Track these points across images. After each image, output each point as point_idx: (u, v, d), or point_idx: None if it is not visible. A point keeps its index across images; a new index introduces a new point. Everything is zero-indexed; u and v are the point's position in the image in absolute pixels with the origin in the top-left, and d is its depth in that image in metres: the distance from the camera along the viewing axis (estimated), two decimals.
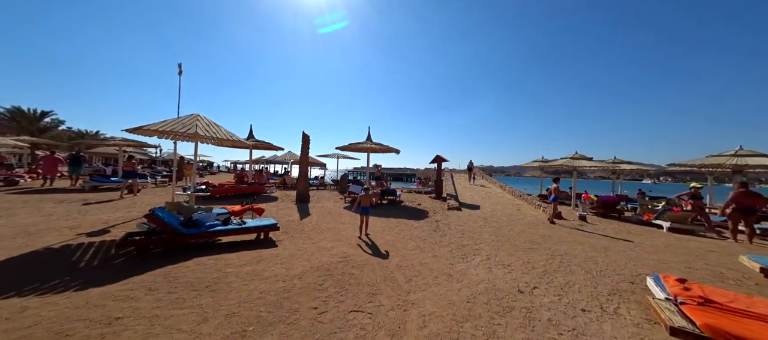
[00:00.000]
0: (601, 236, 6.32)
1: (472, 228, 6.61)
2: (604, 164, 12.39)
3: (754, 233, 6.40)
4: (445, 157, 12.69)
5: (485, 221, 7.51)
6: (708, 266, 4.46)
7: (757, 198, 6.42)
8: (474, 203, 10.95)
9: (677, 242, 6.08)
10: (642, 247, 5.50)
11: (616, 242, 5.79)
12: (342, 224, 6.51)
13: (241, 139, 6.53)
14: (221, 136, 5.67)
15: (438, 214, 8.51)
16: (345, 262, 4.00)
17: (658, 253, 5.12)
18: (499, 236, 5.85)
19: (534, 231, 6.47)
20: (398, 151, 11.45)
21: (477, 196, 12.96)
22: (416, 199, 12.29)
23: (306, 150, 9.96)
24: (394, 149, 11.09)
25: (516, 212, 9.40)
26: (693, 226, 7.76)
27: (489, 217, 8.16)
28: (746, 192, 6.50)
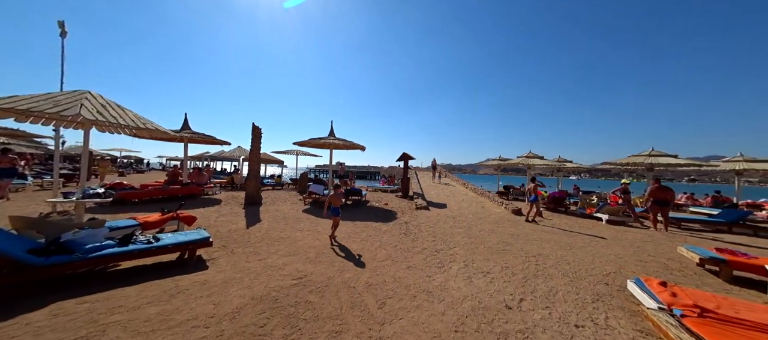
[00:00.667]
0: (561, 232, 6.59)
1: (443, 229, 6.28)
2: (550, 163, 13.55)
3: (668, 222, 7.41)
4: (412, 155, 12.41)
5: (455, 221, 7.30)
6: (652, 258, 4.82)
7: (669, 192, 7.45)
8: (441, 202, 10.86)
9: (618, 234, 6.65)
10: (596, 242, 5.82)
11: (574, 238, 6.04)
12: (299, 232, 5.54)
13: (160, 128, 5.04)
14: (125, 123, 4.20)
15: (406, 214, 8.07)
16: (300, 285, 3.16)
17: (610, 247, 5.43)
18: (471, 238, 5.60)
19: (502, 230, 6.44)
20: (363, 148, 10.73)
21: (442, 194, 13.00)
22: (383, 198, 11.74)
23: (257, 145, 8.56)
24: (360, 146, 10.35)
25: (481, 209, 9.52)
26: (623, 217, 8.76)
27: (457, 216, 8.02)
28: (660, 187, 7.48)
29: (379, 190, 15.01)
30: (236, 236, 4.97)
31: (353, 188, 9.69)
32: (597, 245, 5.45)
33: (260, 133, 8.61)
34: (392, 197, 11.88)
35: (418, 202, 9.67)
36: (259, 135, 8.57)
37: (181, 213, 4.70)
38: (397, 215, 7.91)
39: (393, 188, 15.08)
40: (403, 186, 12.30)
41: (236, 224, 5.92)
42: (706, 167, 11.34)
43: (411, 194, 12.31)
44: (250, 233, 5.22)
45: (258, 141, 8.52)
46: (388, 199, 11.39)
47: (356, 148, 10.66)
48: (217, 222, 5.90)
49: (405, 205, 9.83)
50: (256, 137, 8.47)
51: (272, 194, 11.39)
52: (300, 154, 16.50)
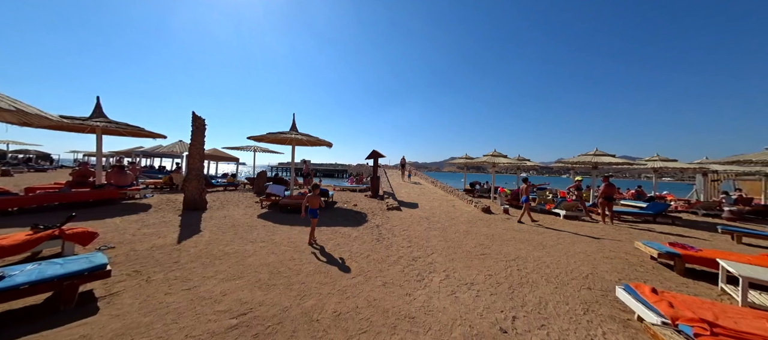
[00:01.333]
0: (530, 230, 6.67)
1: (418, 233, 5.83)
2: (512, 161, 14.24)
3: (613, 215, 8.17)
4: (381, 153, 11.87)
5: (428, 222, 6.95)
6: (614, 254, 5.02)
7: (614, 188, 8.22)
8: (412, 201, 10.54)
9: (577, 229, 7.01)
10: (563, 238, 5.96)
11: (543, 235, 6.13)
12: (250, 244, 4.55)
13: (42, 112, 3.59)
14: None
15: (378, 216, 7.49)
16: (243, 326, 2.33)
17: (576, 244, 5.57)
18: (448, 241, 5.25)
19: (477, 230, 6.25)
20: (330, 145, 9.83)
21: (413, 193, 12.75)
22: (351, 198, 11.00)
23: (199, 139, 7.10)
24: (326, 142, 9.43)
25: (452, 208, 9.41)
26: (576, 212, 9.44)
27: (430, 216, 7.71)
28: (609, 184, 8.21)
29: (347, 189, 14.19)
30: (159, 255, 3.80)
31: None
32: (565, 242, 5.56)
33: (203, 125, 7.17)
34: (361, 197, 11.20)
35: (389, 202, 9.17)
36: (202, 127, 7.13)
37: (70, 229, 3.38)
38: (368, 218, 7.28)
39: (362, 187, 14.39)
40: (372, 185, 11.71)
41: (164, 237, 4.64)
42: (636, 166, 13.03)
43: (381, 194, 11.78)
44: (181, 250, 4.07)
45: (200, 134, 7.08)
46: (357, 199, 10.69)
47: (322, 144, 9.71)
48: (135, 237, 4.56)
49: (375, 205, 9.25)
50: (198, 129, 7.02)
51: (223, 196, 9.82)
52: (258, 151, 14.78)
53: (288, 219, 6.48)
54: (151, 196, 8.74)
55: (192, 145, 6.92)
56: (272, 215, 6.88)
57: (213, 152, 15.79)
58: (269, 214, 7.07)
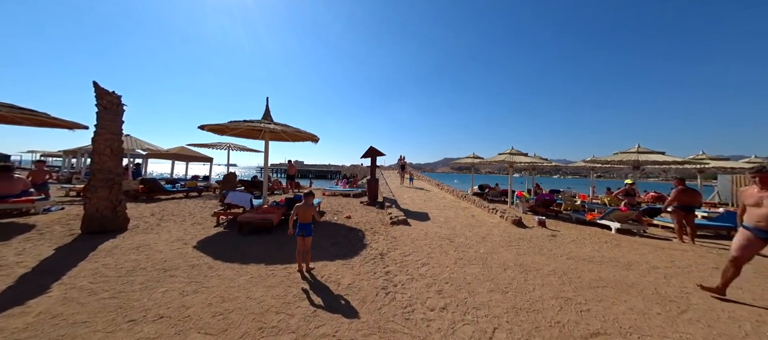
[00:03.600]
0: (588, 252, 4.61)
1: (446, 270, 3.69)
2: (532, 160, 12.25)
3: (695, 230, 6.22)
4: (380, 151, 9.71)
5: (453, 246, 4.81)
6: None
7: (696, 195, 6.27)
8: (419, 211, 8.40)
9: (652, 251, 5.01)
10: (639, 265, 3.93)
11: (617, 264, 4.07)
12: (142, 320, 2.31)
13: None
14: None
15: (380, 236, 5.32)
16: None
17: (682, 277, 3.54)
18: (503, 289, 3.13)
19: (531, 262, 4.15)
20: (316, 139, 7.61)
21: (418, 199, 10.62)
22: (344, 205, 8.79)
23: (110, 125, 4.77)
24: (309, 135, 7.20)
25: (472, 220, 7.32)
26: (631, 225, 7.49)
27: (452, 235, 5.58)
28: (685, 189, 6.27)
29: (339, 193, 11.96)
30: None
31: (298, 196, 6.47)
32: (661, 274, 3.52)
33: (117, 104, 4.83)
34: (356, 205, 9.00)
35: (392, 213, 7.01)
36: (115, 107, 4.79)
37: None
38: (366, 237, 5.11)
39: (356, 190, 12.18)
40: (370, 190, 9.52)
41: None
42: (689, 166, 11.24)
43: (380, 200, 9.61)
44: None
45: (112, 118, 4.75)
46: (351, 207, 8.49)
47: (304, 138, 7.48)
48: None
49: (375, 217, 7.07)
50: (108, 111, 4.69)
51: (175, 207, 7.46)
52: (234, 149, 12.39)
53: (248, 246, 4.26)
54: (58, 209, 6.28)
55: (98, 135, 4.58)
56: (225, 239, 4.62)
57: (180, 151, 13.35)
58: (223, 236, 4.82)
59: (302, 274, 3.28)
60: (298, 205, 3.34)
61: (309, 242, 3.35)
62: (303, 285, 3.02)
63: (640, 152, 9.44)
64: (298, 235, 3.29)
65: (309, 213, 3.31)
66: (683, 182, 6.49)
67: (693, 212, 6.20)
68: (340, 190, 12.61)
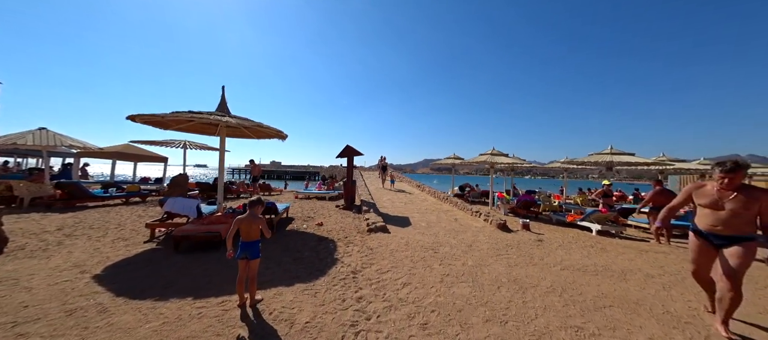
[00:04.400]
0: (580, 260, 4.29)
1: (432, 291, 3.07)
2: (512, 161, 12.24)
3: (671, 231, 6.27)
4: (357, 150, 8.96)
5: (438, 257, 4.22)
6: None
7: (672, 196, 6.32)
8: (400, 215, 7.78)
9: (636, 254, 4.85)
10: (633, 274, 3.65)
11: (606, 274, 3.76)
12: None
13: None
14: None
15: (354, 247, 4.59)
16: None
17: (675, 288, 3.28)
18: (500, 317, 2.57)
19: (525, 275, 3.67)
20: (284, 136, 6.67)
21: (398, 203, 10.02)
22: (317, 210, 7.91)
23: None
24: (275, 132, 6.25)
25: (456, 224, 6.84)
26: (610, 226, 7.49)
27: (435, 244, 4.99)
28: (662, 190, 6.32)
29: (314, 196, 11.00)
30: None
31: None
32: (659, 285, 3.22)
33: None
34: (331, 209, 8.17)
35: (370, 219, 6.30)
36: None
37: None
38: (338, 249, 4.36)
39: (333, 193, 11.30)
40: (346, 193, 8.73)
41: None
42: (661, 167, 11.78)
43: (358, 204, 8.87)
44: None
45: None
46: (326, 212, 7.64)
47: (269, 134, 6.52)
48: None
49: (350, 224, 6.32)
50: None
51: (98, 216, 6.09)
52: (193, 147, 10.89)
53: (180, 271, 3.30)
54: None
55: None
56: (151, 262, 3.60)
57: (123, 149, 11.52)
58: (152, 257, 3.78)
59: (243, 310, 2.46)
60: (240, 217, 2.51)
61: (255, 266, 2.54)
62: (240, 330, 2.20)
63: (613, 153, 9.68)
64: (239, 258, 2.47)
65: (255, 228, 2.50)
66: (661, 184, 6.55)
67: None
68: (314, 192, 11.64)
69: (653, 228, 6.25)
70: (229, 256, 2.45)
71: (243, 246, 2.46)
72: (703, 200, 2.44)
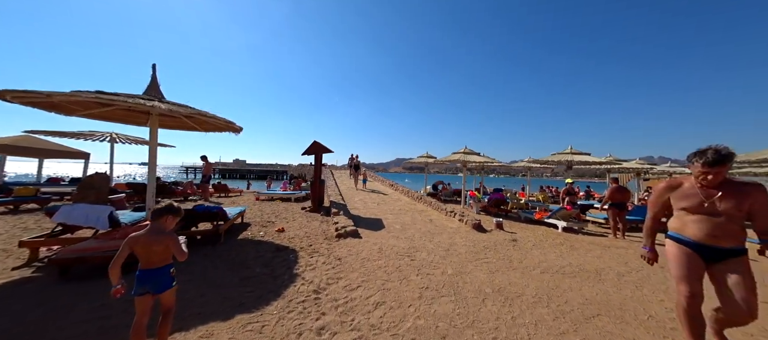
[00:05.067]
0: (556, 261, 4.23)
1: (405, 304, 2.60)
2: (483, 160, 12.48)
3: (626, 226, 6.69)
4: (326, 147, 8.21)
5: (413, 263, 3.79)
6: None
7: (626, 193, 6.76)
8: (372, 216, 7.25)
9: (596, 248, 5.00)
10: (606, 273, 3.66)
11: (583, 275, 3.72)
12: None
13: None
14: None
15: (319, 256, 3.94)
16: None
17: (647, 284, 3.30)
18: (478, 329, 2.20)
19: (500, 279, 3.40)
20: (237, 129, 5.67)
21: (371, 203, 9.48)
22: (279, 213, 7.02)
23: None
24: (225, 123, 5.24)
25: (430, 225, 6.53)
26: (574, 222, 7.83)
27: (411, 249, 4.56)
28: (619, 188, 6.71)
29: (278, 198, 9.95)
30: None
31: (199, 207, 4.47)
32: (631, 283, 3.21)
33: None
34: (296, 212, 7.33)
35: (339, 222, 5.67)
36: None
37: None
38: (300, 262, 3.67)
39: (299, 194, 10.36)
40: (313, 194, 7.95)
41: None
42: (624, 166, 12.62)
43: (327, 206, 8.13)
44: None
45: None
46: (290, 215, 6.79)
47: (216, 126, 5.49)
48: None
49: (317, 229, 5.62)
50: None
51: None
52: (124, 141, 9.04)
53: (57, 312, 2.36)
54: None
55: None
56: (17, 299, 2.57)
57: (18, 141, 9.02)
58: (17, 291, 2.71)
59: None
60: (135, 235, 1.70)
61: (169, 299, 1.78)
62: None
63: (573, 153, 10.31)
64: (136, 294, 1.69)
65: (160, 249, 1.72)
66: (617, 181, 6.96)
67: (625, 208, 6.66)
68: (279, 193, 10.56)
69: (612, 223, 6.59)
70: (117, 294, 1.63)
71: (142, 277, 1.68)
72: (687, 203, 1.91)
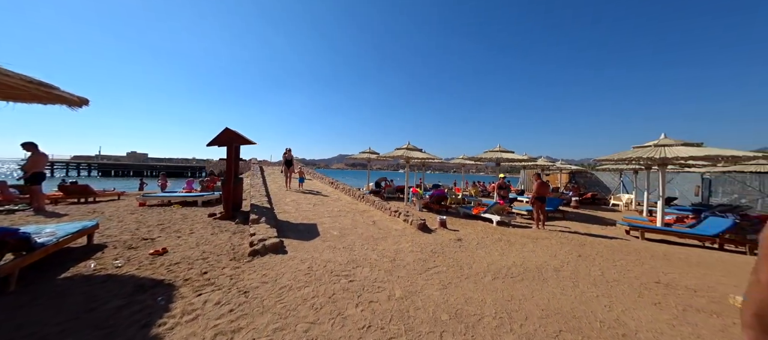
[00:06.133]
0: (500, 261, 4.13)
1: None
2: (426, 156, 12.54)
3: (546, 217, 7.45)
4: (245, 137, 6.49)
5: (351, 286, 2.93)
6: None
7: (547, 187, 7.53)
8: (305, 221, 6.04)
9: (528, 243, 5.30)
10: (545, 270, 3.73)
11: (531, 278, 3.68)
12: None
13: None
14: None
15: (213, 291, 2.65)
16: None
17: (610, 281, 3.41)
18: None
19: (454, 295, 2.90)
20: (77, 102, 3.59)
21: (306, 205, 8.15)
22: (173, 223, 5.04)
23: None
24: (39, 89, 3.17)
25: (373, 228, 5.80)
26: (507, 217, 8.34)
27: (350, 263, 3.69)
28: (542, 183, 7.42)
29: (177, 201, 7.53)
30: None
31: (4, 230, 2.48)
32: (568, 280, 3.25)
33: None
34: (199, 220, 5.46)
35: (257, 233, 4.30)
36: None
37: None
38: (173, 309, 2.33)
39: (210, 196, 8.14)
40: (225, 196, 6.16)
41: None
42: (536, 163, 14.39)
43: (246, 210, 6.45)
44: None
45: None
46: (184, 228, 4.92)
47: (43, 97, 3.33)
48: None
49: (223, 243, 4.13)
50: None
51: None
52: None
53: None
54: None
55: None
56: None
57: None
58: None
59: None
60: None
61: None
62: None
63: (502, 151, 11.29)
64: None
65: None
66: (539, 177, 7.68)
67: (545, 201, 7.40)
68: (179, 195, 8.05)
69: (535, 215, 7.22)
70: None
71: None
72: None
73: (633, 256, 4.85)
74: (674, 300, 3.09)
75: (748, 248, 5.65)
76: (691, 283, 3.64)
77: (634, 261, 4.53)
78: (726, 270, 4.33)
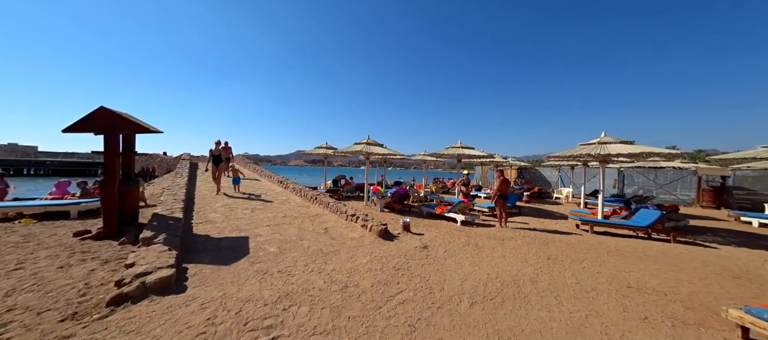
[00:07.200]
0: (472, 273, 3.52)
1: None
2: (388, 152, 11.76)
3: (507, 214, 7.31)
4: (137, 121, 4.67)
5: None
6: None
7: (509, 184, 7.39)
8: (232, 234, 4.59)
9: (497, 245, 4.92)
10: (523, 280, 3.26)
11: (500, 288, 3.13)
12: None
13: None
14: None
15: None
16: None
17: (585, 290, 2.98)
18: None
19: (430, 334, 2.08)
20: None
21: (240, 208, 6.55)
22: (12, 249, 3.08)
23: None
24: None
25: (324, 239, 4.70)
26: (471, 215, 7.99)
27: (280, 300, 2.57)
28: (505, 180, 7.23)
29: (28, 215, 5.19)
30: None
31: None
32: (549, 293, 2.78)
33: None
34: (55, 242, 3.55)
35: (138, 260, 2.83)
36: None
37: None
38: None
39: (92, 203, 5.92)
40: (105, 203, 4.30)
41: None
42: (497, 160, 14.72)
43: (142, 222, 4.66)
44: None
45: None
46: (18, 257, 3.05)
47: None
48: None
49: (74, 284, 2.55)
50: None
51: None
52: None
53: None
54: None
55: None
56: None
57: None
58: None
59: None
60: None
61: None
62: None
63: (463, 147, 11.13)
64: None
65: None
66: (502, 173, 7.48)
67: (507, 199, 7.24)
68: (41, 204, 5.63)
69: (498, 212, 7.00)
70: None
71: None
72: None
73: (592, 253, 4.78)
74: (656, 312, 2.79)
75: (672, 236, 6.22)
76: (655, 283, 3.52)
77: (596, 260, 4.41)
78: (670, 263, 4.47)
